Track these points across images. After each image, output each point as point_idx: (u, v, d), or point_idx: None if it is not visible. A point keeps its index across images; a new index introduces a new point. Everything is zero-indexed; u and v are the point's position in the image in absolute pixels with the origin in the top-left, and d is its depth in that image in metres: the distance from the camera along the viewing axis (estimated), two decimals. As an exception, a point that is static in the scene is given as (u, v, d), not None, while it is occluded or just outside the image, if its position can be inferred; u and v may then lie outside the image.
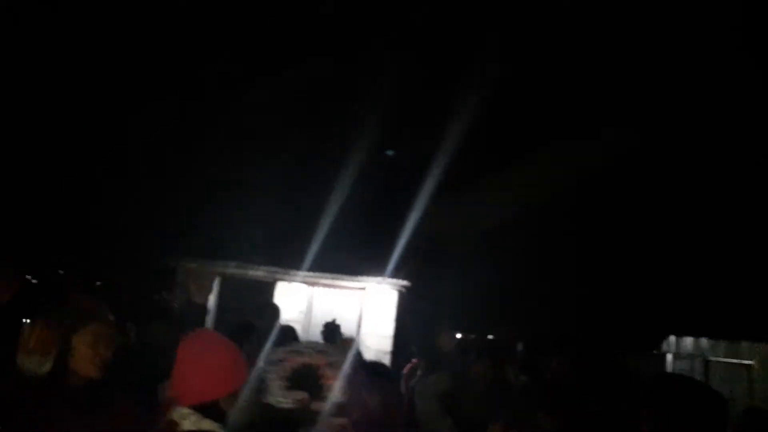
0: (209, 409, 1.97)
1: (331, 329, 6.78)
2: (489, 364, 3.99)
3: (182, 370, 2.04)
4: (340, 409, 1.96)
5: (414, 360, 6.70)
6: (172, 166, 12.17)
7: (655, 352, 11.92)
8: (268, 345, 4.19)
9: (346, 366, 2.00)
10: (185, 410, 1.97)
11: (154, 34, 11.23)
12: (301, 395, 1.92)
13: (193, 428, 1.93)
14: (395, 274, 10.03)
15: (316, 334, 9.22)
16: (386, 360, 9.30)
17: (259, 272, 10.19)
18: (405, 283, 10.33)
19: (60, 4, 11.07)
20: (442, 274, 11.93)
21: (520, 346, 6.30)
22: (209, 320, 10.04)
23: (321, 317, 10.47)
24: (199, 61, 11.38)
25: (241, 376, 2.07)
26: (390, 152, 12.00)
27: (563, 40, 10.73)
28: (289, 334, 5.06)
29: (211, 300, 10.21)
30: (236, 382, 2.04)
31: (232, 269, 10.13)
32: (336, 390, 1.95)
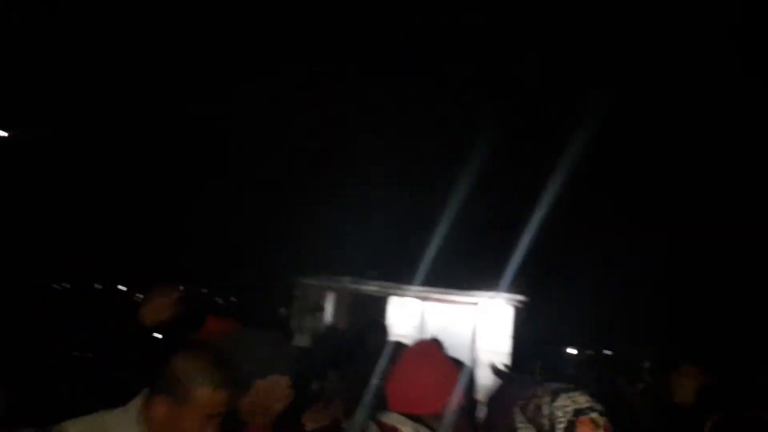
0: (417, 422, 1.98)
1: None
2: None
3: (399, 376, 2.08)
4: None
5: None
6: (288, 184, 12.62)
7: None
8: (382, 363, 4.10)
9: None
10: (401, 417, 1.99)
11: (292, 51, 11.67)
12: None
13: None
14: (510, 289, 9.71)
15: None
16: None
17: (371, 287, 10.23)
18: (521, 297, 9.98)
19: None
20: (560, 289, 11.43)
21: (647, 364, 5.85)
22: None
23: (434, 333, 10.35)
24: (319, 80, 11.71)
25: (449, 397, 2.06)
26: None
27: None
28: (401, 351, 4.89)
29: (326, 316, 10.39)
30: (444, 402, 2.04)
31: (345, 284, 10.25)
32: None
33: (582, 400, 1.94)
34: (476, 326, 10.06)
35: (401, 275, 9.84)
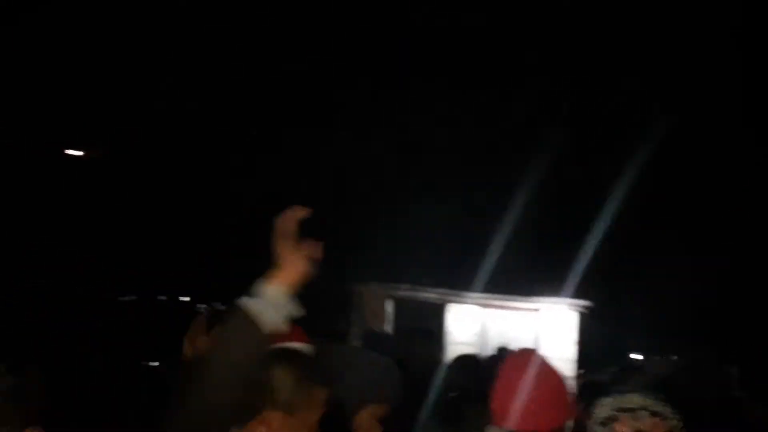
0: None
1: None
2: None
3: (506, 389, 1.98)
4: None
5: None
6: (344, 188, 12.71)
7: None
8: (441, 377, 3.98)
9: None
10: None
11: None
12: None
13: None
14: (573, 294, 9.46)
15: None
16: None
17: (431, 294, 10.16)
18: (585, 302, 9.71)
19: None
20: (626, 293, 11.08)
21: (734, 370, 5.53)
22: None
23: (496, 340, 10.18)
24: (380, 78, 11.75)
25: (562, 417, 1.97)
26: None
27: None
28: (468, 365, 4.57)
29: (386, 323, 10.38)
30: (555, 423, 1.95)
31: (405, 292, 10.21)
32: None
33: (636, 400, 1.82)
34: (538, 333, 9.85)
35: (461, 282, 9.72)
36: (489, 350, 9.87)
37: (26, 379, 2.43)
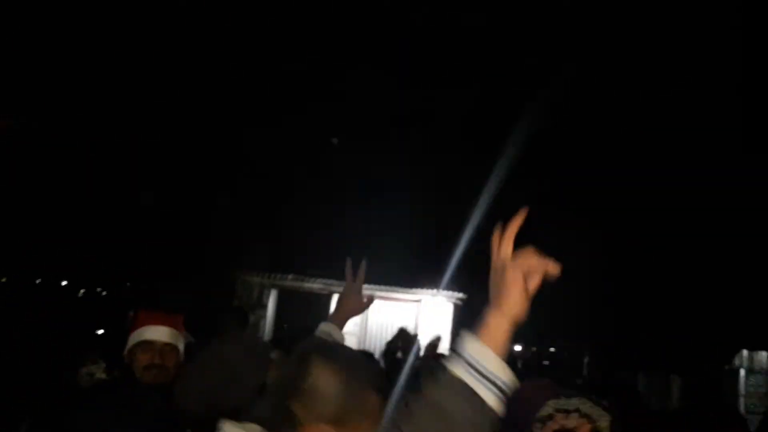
0: None
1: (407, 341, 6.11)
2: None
3: None
4: None
5: None
6: (233, 177, 12.48)
7: (727, 367, 11.34)
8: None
9: None
10: None
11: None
12: None
13: None
14: (450, 286, 9.92)
15: (370, 347, 9.22)
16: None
17: (314, 285, 10.28)
18: (461, 295, 10.22)
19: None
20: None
21: (586, 359, 6.06)
22: (267, 332, 10.21)
23: (376, 330, 10.48)
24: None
25: None
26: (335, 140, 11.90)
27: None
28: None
29: (269, 312, 10.38)
30: None
31: (289, 282, 10.26)
32: None
33: (574, 402, 1.98)
34: (418, 322, 10.26)
35: (344, 273, 9.89)
36: (369, 339, 10.18)
37: None
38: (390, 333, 10.34)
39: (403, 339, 5.44)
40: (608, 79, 11.25)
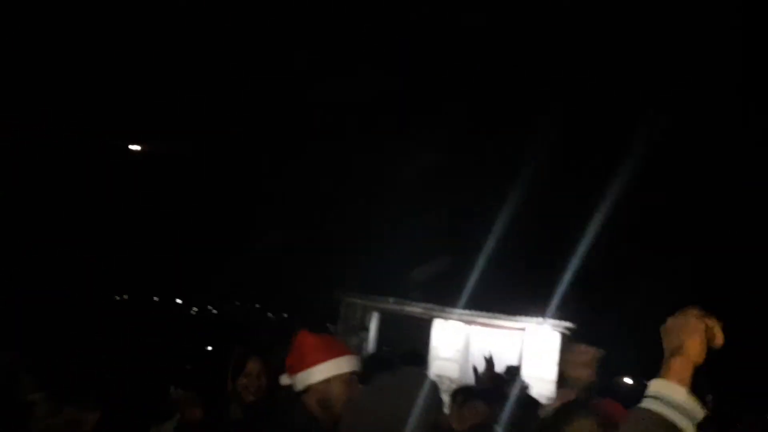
0: None
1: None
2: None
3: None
4: None
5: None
6: (338, 204, 12.79)
7: None
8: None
9: None
10: None
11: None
12: None
13: None
14: (558, 315, 9.52)
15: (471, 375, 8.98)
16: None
17: (416, 308, 10.21)
18: (568, 324, 9.77)
19: None
20: (610, 313, 11.11)
21: (709, 398, 5.55)
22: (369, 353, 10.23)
23: (478, 357, 10.21)
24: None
25: None
26: None
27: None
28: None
29: (371, 334, 10.41)
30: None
31: (390, 305, 10.25)
32: None
33: (580, 422, 1.98)
34: (523, 352, 9.90)
35: (447, 298, 9.76)
36: (471, 366, 9.93)
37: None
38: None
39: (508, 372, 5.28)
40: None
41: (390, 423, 1.72)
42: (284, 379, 2.26)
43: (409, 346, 7.67)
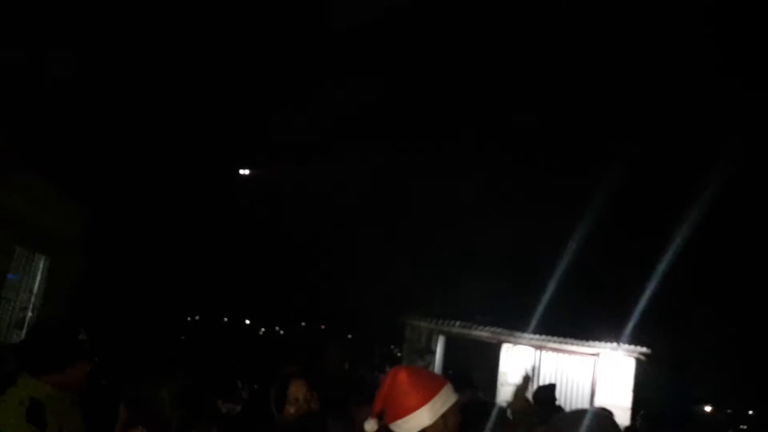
0: None
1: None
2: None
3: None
4: None
5: None
6: (405, 229, 12.84)
7: None
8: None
9: None
10: None
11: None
12: None
13: None
14: (632, 340, 9.18)
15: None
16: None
17: (482, 333, 10.07)
18: (644, 349, 9.40)
19: None
20: (686, 339, 10.64)
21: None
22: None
23: (549, 381, 9.94)
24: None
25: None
26: None
27: None
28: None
29: (437, 357, 10.33)
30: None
31: (457, 329, 10.15)
32: None
33: None
34: (595, 378, 9.59)
35: (515, 322, 9.59)
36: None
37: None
38: (563, 387, 9.78)
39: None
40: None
41: None
42: (370, 426, 2.06)
43: (475, 371, 7.57)
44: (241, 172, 12.98)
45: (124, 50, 11.34)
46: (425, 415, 2.02)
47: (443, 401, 2.03)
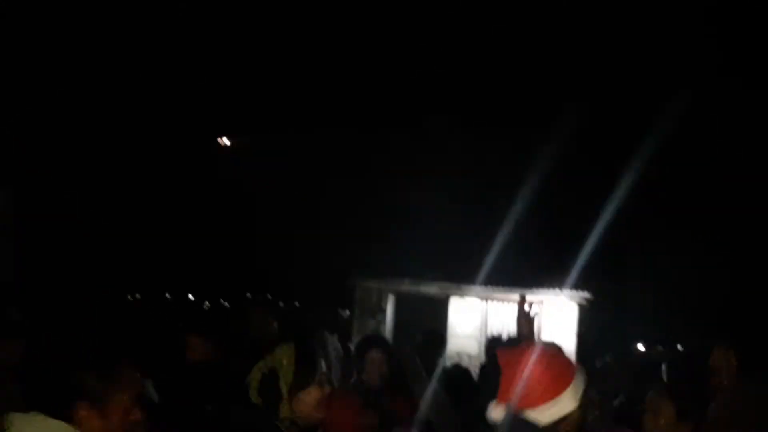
0: None
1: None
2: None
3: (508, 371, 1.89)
4: None
5: None
6: (348, 187, 12.72)
7: None
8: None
9: None
10: None
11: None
12: None
13: None
14: (575, 285, 9.47)
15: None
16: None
17: (432, 289, 10.18)
18: (586, 294, 9.73)
19: None
20: (628, 284, 11.07)
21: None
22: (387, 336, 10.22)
23: (497, 333, 10.19)
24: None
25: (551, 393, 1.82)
26: None
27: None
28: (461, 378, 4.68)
29: (388, 317, 10.40)
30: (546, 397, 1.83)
31: (406, 286, 10.23)
32: None
33: None
34: (540, 325, 9.88)
35: (462, 276, 9.71)
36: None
37: None
38: (511, 336, 10.03)
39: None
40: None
41: None
42: (495, 412, 1.88)
43: (426, 327, 7.64)
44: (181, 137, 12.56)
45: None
46: (569, 399, 1.83)
47: (581, 383, 1.87)
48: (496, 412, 1.87)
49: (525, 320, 2.86)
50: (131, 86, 13.29)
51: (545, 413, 1.82)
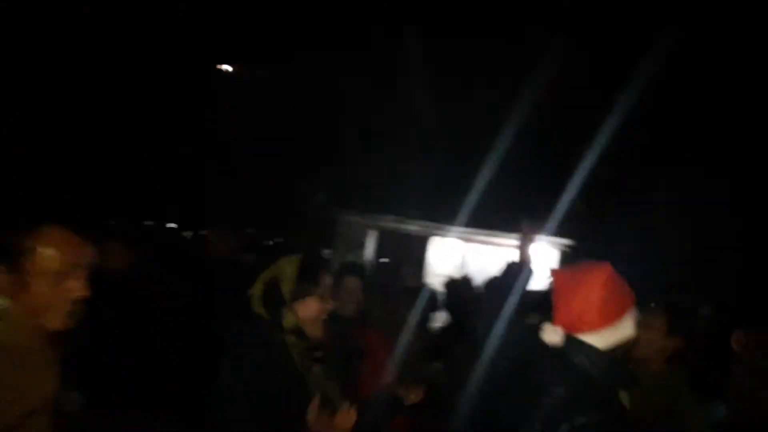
0: None
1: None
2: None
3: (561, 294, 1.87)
4: None
5: None
6: (330, 120, 12.47)
7: None
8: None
9: None
10: None
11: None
12: None
13: None
14: (557, 232, 9.41)
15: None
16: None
17: (413, 227, 10.11)
18: (567, 241, 9.68)
19: None
20: (611, 232, 11.02)
21: (706, 310, 5.48)
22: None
23: (476, 275, 10.22)
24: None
25: (610, 317, 1.81)
26: None
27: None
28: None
29: (368, 253, 10.36)
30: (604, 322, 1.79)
31: (390, 223, 10.15)
32: None
33: None
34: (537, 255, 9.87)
35: (444, 215, 9.64)
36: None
37: None
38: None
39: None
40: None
41: None
42: (552, 335, 1.85)
43: (405, 262, 7.62)
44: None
45: None
46: (628, 324, 1.79)
47: (636, 309, 1.83)
48: (552, 335, 1.82)
49: (527, 247, 2.96)
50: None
51: (606, 337, 1.77)
